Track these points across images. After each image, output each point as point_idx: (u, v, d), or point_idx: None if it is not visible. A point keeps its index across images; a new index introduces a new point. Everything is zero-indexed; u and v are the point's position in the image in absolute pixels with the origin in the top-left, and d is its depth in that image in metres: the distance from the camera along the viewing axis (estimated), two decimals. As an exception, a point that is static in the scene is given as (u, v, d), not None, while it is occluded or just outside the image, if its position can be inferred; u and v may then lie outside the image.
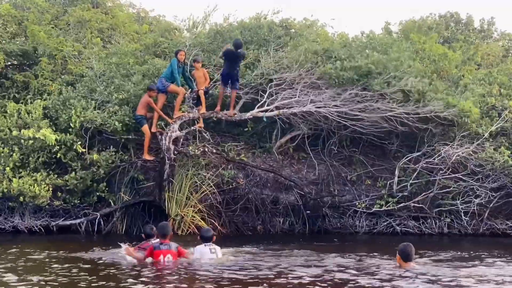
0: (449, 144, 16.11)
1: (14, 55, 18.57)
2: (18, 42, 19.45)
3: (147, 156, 15.47)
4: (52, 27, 19.81)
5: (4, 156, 15.23)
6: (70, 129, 15.58)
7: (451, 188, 16.27)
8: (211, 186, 15.81)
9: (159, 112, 15.41)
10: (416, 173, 16.39)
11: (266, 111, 15.57)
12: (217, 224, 15.60)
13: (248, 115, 15.56)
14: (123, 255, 10.89)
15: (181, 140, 15.69)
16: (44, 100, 16.79)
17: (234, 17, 29.76)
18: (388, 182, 16.77)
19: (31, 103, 16.55)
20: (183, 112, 15.41)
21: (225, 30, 18.40)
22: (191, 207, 15.51)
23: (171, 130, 15.10)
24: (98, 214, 15.66)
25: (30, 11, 20.76)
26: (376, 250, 12.62)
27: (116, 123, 15.33)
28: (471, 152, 15.98)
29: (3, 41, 18.94)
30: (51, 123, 16.01)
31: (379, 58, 15.46)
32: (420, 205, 16.52)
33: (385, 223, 16.95)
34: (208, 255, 10.71)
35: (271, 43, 17.25)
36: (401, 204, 16.48)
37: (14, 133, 15.29)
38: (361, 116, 15.53)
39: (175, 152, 15.17)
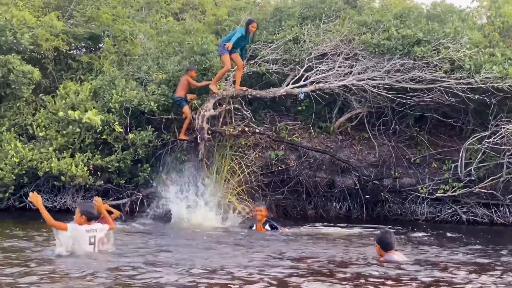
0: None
1: (81, 39, 18.93)
2: (93, 25, 19.77)
3: (183, 136, 15.02)
4: (127, 10, 19.90)
5: (51, 137, 15.53)
6: (113, 109, 15.53)
7: (525, 172, 14.26)
8: (256, 168, 15.15)
9: (200, 84, 14.92)
10: (481, 154, 14.49)
11: (302, 86, 14.47)
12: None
13: (282, 91, 14.56)
14: None
15: (221, 119, 15.04)
16: (100, 80, 16.87)
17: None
18: (453, 165, 15.05)
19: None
20: (218, 89, 14.74)
21: (286, 6, 17.38)
22: (230, 189, 14.91)
23: (204, 109, 14.51)
24: (140, 194, 15.53)
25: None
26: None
27: (152, 103, 15.00)
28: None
29: (73, 25, 19.37)
30: (101, 104, 16.05)
31: (431, 27, 13.76)
32: (491, 191, 14.68)
33: (450, 211, 15.33)
34: (84, 239, 8.52)
35: (324, 16, 16.00)
36: (466, 189, 14.71)
37: (60, 114, 15.50)
38: (404, 86, 14.00)
39: (209, 131, 14.55)
